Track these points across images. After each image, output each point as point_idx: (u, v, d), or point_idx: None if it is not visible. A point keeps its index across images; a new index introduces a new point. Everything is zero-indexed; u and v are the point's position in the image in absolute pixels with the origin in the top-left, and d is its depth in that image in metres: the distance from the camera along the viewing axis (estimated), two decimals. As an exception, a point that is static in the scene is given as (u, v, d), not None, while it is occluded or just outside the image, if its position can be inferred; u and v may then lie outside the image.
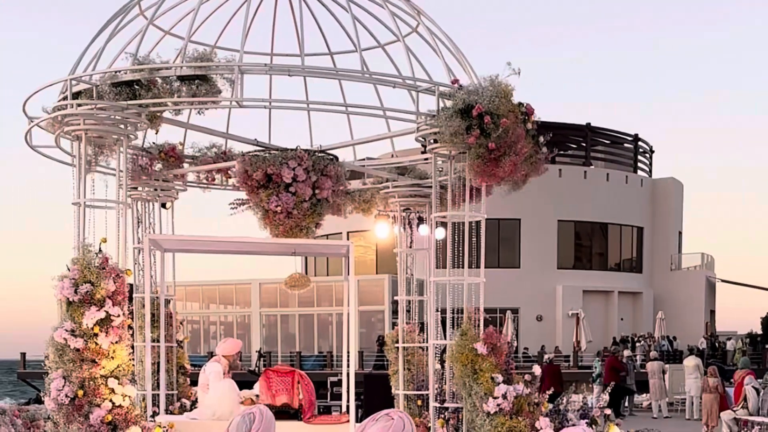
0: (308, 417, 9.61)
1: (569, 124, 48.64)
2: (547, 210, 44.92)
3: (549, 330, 45.66)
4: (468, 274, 9.44)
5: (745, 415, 19.82)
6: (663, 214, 50.78)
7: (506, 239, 44.83)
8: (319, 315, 43.35)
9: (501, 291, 39.89)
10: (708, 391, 22.30)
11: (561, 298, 46.04)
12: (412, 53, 9.06)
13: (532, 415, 8.92)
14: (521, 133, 8.85)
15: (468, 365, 9.04)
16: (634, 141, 51.77)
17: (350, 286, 10.51)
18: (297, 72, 8.55)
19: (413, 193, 11.54)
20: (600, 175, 47.95)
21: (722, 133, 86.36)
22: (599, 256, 49.01)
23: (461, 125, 8.52)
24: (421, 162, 11.12)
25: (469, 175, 9.19)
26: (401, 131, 9.94)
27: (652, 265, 50.70)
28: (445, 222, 10.06)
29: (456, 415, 9.91)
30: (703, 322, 48.79)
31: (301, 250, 10.78)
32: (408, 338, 11.62)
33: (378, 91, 9.65)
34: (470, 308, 9.39)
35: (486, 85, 8.67)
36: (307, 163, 9.42)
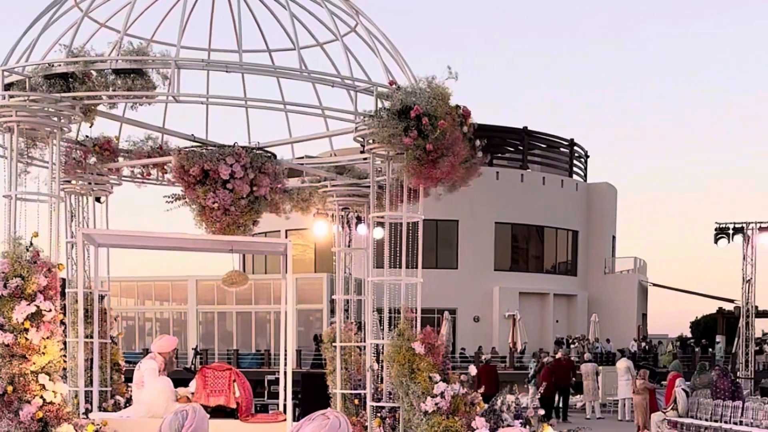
0: (245, 415, 9.56)
1: (506, 128, 48.98)
2: (484, 212, 45.20)
3: (486, 331, 45.93)
4: (405, 275, 9.47)
5: (675, 416, 20.20)
6: (597, 219, 51.42)
7: (444, 240, 45.02)
8: (256, 313, 43.10)
9: (439, 291, 40.05)
10: (638, 393, 22.71)
11: (498, 300, 46.34)
12: (350, 53, 9.08)
13: (468, 414, 8.98)
14: (458, 135, 8.90)
15: (405, 365, 9.08)
16: (570, 146, 52.32)
17: (288, 285, 10.46)
18: (235, 68, 8.51)
19: (352, 193, 11.54)
20: (536, 179, 48.39)
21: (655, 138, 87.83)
22: (535, 258, 49.47)
23: (399, 126, 8.55)
24: (359, 162, 11.12)
25: (406, 176, 9.22)
26: (339, 131, 9.96)
27: (587, 269, 51.33)
28: (383, 222, 10.08)
29: (393, 414, 9.94)
30: (635, 325, 49.50)
31: (239, 247, 10.73)
32: (345, 337, 11.61)
33: (317, 90, 9.64)
34: (407, 308, 9.41)
35: (424, 86, 8.72)
36: (244, 160, 9.37)
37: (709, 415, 19.82)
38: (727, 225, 28.46)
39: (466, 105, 9.09)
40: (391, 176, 9.65)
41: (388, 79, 8.91)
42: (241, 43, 8.88)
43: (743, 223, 28.46)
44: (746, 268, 29.28)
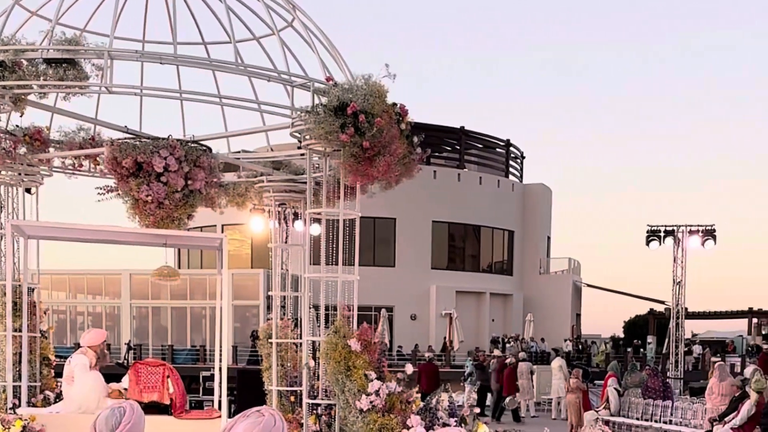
0: (179, 412, 9.47)
1: (444, 127, 49.14)
2: (421, 211, 45.32)
3: (423, 329, 46.05)
4: (342, 272, 9.45)
5: (607, 415, 20.47)
6: (532, 219, 51.89)
7: (382, 238, 45.05)
8: (192, 308, 42.65)
9: (376, 289, 40.05)
10: (571, 392, 22.97)
11: (435, 298, 46.50)
12: (287, 47, 9.02)
13: (404, 412, 8.98)
14: (395, 133, 8.90)
15: (341, 362, 9.05)
16: (506, 146, 52.70)
17: (223, 280, 10.38)
18: (169, 60, 8.40)
19: (288, 189, 11.49)
20: (473, 178, 48.64)
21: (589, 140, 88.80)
22: (472, 257, 49.72)
23: (336, 123, 8.52)
24: (297, 157, 11.08)
25: (343, 173, 9.19)
26: (276, 126, 9.89)
27: (522, 268, 51.76)
28: (320, 218, 10.04)
29: (329, 411, 9.92)
30: (569, 325, 50.08)
31: (173, 241, 10.59)
32: (282, 334, 11.55)
33: (253, 85, 9.56)
34: (344, 305, 9.39)
35: (361, 84, 8.69)
36: (179, 153, 9.25)
37: (640, 414, 20.15)
38: (659, 227, 28.95)
39: (403, 103, 9.10)
40: (328, 173, 9.62)
41: (325, 75, 8.87)
42: (175, 34, 8.79)
43: (674, 225, 28.96)
44: (676, 270, 29.80)
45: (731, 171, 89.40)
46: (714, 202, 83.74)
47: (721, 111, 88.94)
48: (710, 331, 55.59)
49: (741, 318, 49.81)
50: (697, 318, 49.16)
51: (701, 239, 28.69)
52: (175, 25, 8.82)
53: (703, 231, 28.71)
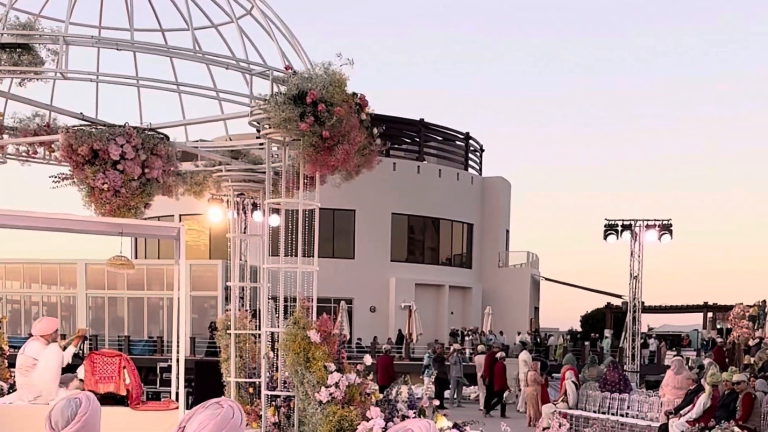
0: (135, 403, 9.39)
1: (403, 119, 49.15)
2: (381, 202, 45.34)
3: (382, 321, 46.10)
4: (301, 263, 9.39)
5: (566, 408, 20.61)
6: (492, 212, 52.10)
7: (341, 230, 45.00)
8: (149, 299, 42.33)
9: (335, 281, 40.05)
10: (529, 385, 23.11)
11: (394, 290, 46.55)
12: (245, 35, 8.93)
13: (363, 404, 8.95)
14: (355, 123, 8.84)
15: (300, 353, 8.99)
16: (466, 139, 52.85)
17: (181, 270, 10.29)
18: (126, 47, 8.29)
19: (247, 178, 11.41)
20: (433, 171, 48.72)
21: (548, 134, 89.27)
22: (431, 250, 49.83)
23: (295, 111, 8.45)
24: (255, 147, 11.00)
25: (302, 163, 9.13)
26: (235, 114, 9.80)
27: (481, 262, 51.96)
28: (279, 209, 9.97)
29: (288, 403, 9.87)
30: (528, 318, 50.38)
31: (129, 230, 10.46)
32: (240, 325, 11.49)
33: (211, 72, 9.48)
34: (303, 296, 9.34)
35: (320, 72, 8.62)
36: (136, 141, 9.14)
37: (597, 407, 20.30)
38: (616, 222, 29.17)
39: (363, 93, 9.05)
40: (287, 162, 9.54)
41: (284, 64, 8.80)
42: (132, 21, 8.66)
43: (631, 220, 29.22)
44: (633, 265, 30.07)
45: (687, 166, 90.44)
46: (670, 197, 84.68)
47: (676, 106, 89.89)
48: (666, 325, 56.16)
49: (696, 312, 50.42)
50: (653, 312, 49.63)
51: (658, 234, 28.96)
52: (132, 11, 8.70)
53: (660, 225, 28.98)
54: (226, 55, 8.94)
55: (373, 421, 8.77)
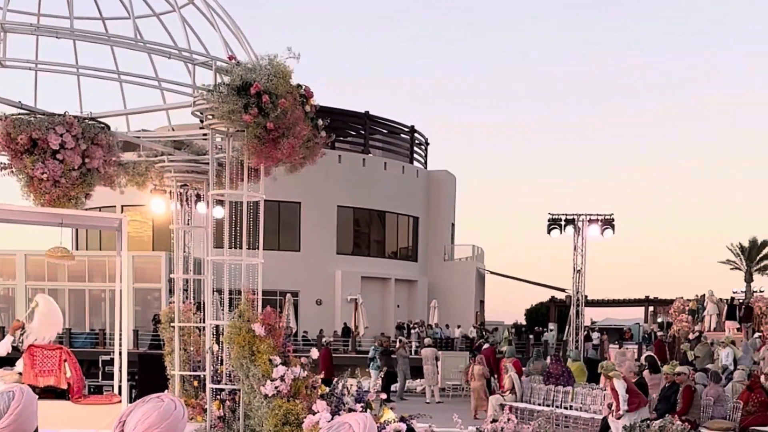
0: (77, 396, 9.26)
1: (349, 111, 49.09)
2: (327, 195, 45.26)
3: (328, 314, 46.01)
4: (246, 255, 9.32)
5: (512, 400, 20.82)
6: (437, 206, 52.29)
7: (287, 222, 44.83)
8: (90, 291, 41.77)
9: (281, 273, 39.90)
10: (476, 379, 23.27)
11: (340, 283, 46.50)
12: (188, 25, 8.83)
13: (309, 398, 8.92)
14: (300, 115, 8.80)
15: (245, 346, 8.94)
16: (411, 132, 53.00)
17: (123, 262, 10.16)
18: (65, 35, 8.14)
19: (190, 169, 11.29)
20: (378, 164, 48.75)
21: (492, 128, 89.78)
22: (377, 243, 49.88)
23: (239, 102, 8.37)
24: (199, 138, 10.88)
25: (246, 155, 9.05)
26: (177, 104, 9.67)
27: (427, 255, 52.14)
28: (223, 201, 9.88)
29: (233, 396, 9.81)
30: (473, 311, 50.67)
31: (69, 221, 10.31)
32: (184, 318, 11.37)
33: (153, 62, 9.34)
34: (248, 289, 9.28)
35: (264, 63, 8.55)
36: (76, 130, 9.00)
37: (542, 400, 20.52)
38: (559, 216, 29.49)
39: (308, 85, 9.00)
40: (231, 154, 9.46)
41: (228, 54, 8.71)
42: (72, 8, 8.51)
43: (574, 214, 29.55)
44: (576, 259, 30.43)
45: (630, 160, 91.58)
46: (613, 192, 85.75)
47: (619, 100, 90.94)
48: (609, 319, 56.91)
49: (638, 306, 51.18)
50: (596, 306, 50.31)
51: (600, 228, 29.35)
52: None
53: (602, 220, 29.38)
54: (169, 44, 8.83)
55: (319, 415, 8.75)
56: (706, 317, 37.38)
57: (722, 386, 18.16)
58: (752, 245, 55.49)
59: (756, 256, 55.45)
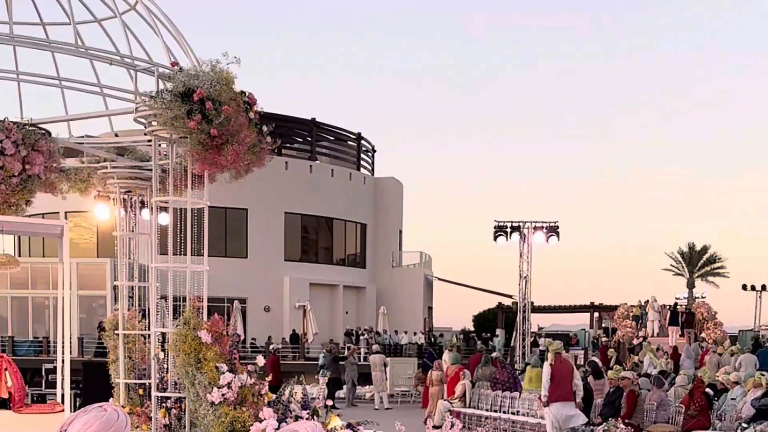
0: (18, 406, 9.13)
1: (295, 118, 48.98)
2: (274, 201, 45.10)
3: (276, 321, 45.82)
4: (191, 262, 9.27)
5: (460, 407, 20.96)
6: (384, 212, 52.40)
7: (233, 229, 44.57)
8: (33, 298, 41.13)
9: (228, 280, 39.65)
10: (432, 385, 23.41)
11: (288, 290, 46.34)
12: (130, 30, 8.77)
13: (256, 405, 8.89)
14: (244, 121, 8.79)
15: (191, 354, 8.89)
16: (358, 139, 53.09)
17: (65, 269, 10.04)
18: (5, 40, 8.07)
19: (134, 176, 11.20)
20: (325, 171, 48.72)
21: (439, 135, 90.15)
22: (325, 250, 49.82)
23: (182, 109, 8.35)
24: (143, 144, 10.80)
25: (190, 161, 9.02)
26: (119, 110, 9.61)
27: (375, 261, 52.20)
28: (168, 207, 9.83)
29: (179, 404, 9.74)
30: (422, 318, 50.79)
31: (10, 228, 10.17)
32: (129, 325, 11.27)
33: (95, 68, 9.26)
34: (193, 296, 9.23)
35: (207, 70, 8.54)
36: (16, 137, 8.91)
37: (489, 406, 20.66)
38: (506, 223, 29.77)
39: (251, 92, 9.00)
40: (175, 160, 9.41)
41: (170, 60, 8.67)
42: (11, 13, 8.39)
43: (520, 221, 29.85)
44: (522, 265, 30.73)
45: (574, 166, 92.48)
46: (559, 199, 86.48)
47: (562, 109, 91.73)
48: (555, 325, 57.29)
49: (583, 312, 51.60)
50: (542, 312, 50.62)
51: (545, 235, 29.69)
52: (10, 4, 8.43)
53: (547, 227, 29.72)
54: (110, 50, 8.77)
55: (266, 422, 8.74)
56: (649, 323, 37.96)
57: (665, 391, 18.46)
58: (692, 252, 56.45)
59: (697, 263, 56.40)
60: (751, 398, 16.56)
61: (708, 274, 56.26)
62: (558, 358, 16.54)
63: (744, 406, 16.71)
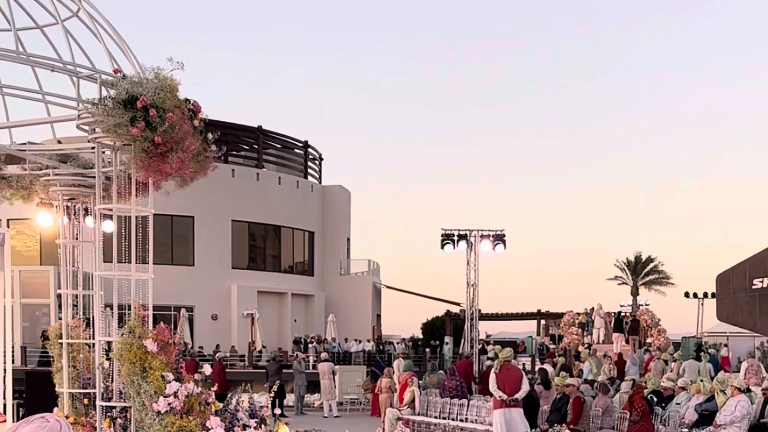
0: (-43, 416, 8.95)
1: (241, 125, 48.85)
2: (221, 209, 44.90)
3: (224, 329, 45.55)
4: (136, 270, 9.19)
5: (410, 414, 21.01)
6: (332, 220, 52.45)
7: (180, 236, 44.25)
8: (-25, 307, 40.46)
9: (175, 288, 39.40)
10: (383, 391, 23.45)
11: (236, 298, 46.11)
12: (72, 37, 8.68)
13: (203, 414, 8.84)
14: (188, 129, 8.75)
15: (137, 363, 8.81)
16: (305, 147, 53.10)
17: (6, 277, 9.89)
18: (-56, 46, 7.92)
19: (77, 183, 11.06)
20: (272, 178, 48.63)
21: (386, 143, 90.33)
22: (273, 257, 49.67)
23: (125, 116, 8.28)
24: (86, 151, 10.68)
25: (134, 169, 8.94)
26: (62, 117, 9.48)
27: (323, 269, 52.18)
28: (112, 214, 9.73)
29: (124, 414, 9.65)
30: (370, 326, 50.83)
31: (-52, 235, 10.00)
32: (73, 334, 11.13)
33: (36, 74, 9.14)
34: (139, 304, 9.16)
35: (151, 77, 8.48)
36: (-45, 143, 8.74)
37: (438, 413, 20.74)
38: (452, 231, 29.91)
39: (196, 99, 8.96)
40: (119, 167, 9.33)
41: (113, 67, 8.60)
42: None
43: (467, 230, 30.00)
44: (470, 273, 30.87)
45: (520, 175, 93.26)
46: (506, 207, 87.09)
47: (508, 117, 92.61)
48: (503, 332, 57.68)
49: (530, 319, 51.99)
50: (490, 319, 50.92)
51: (492, 244, 29.89)
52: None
53: (494, 236, 29.92)
54: (52, 57, 8.66)
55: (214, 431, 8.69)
56: (594, 330, 38.40)
57: (611, 397, 18.68)
58: (637, 261, 57.34)
59: (641, 271, 57.32)
60: (695, 403, 16.84)
61: (652, 283, 57.22)
62: (506, 366, 16.66)
63: (687, 411, 17.00)
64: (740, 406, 15.47)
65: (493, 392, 16.68)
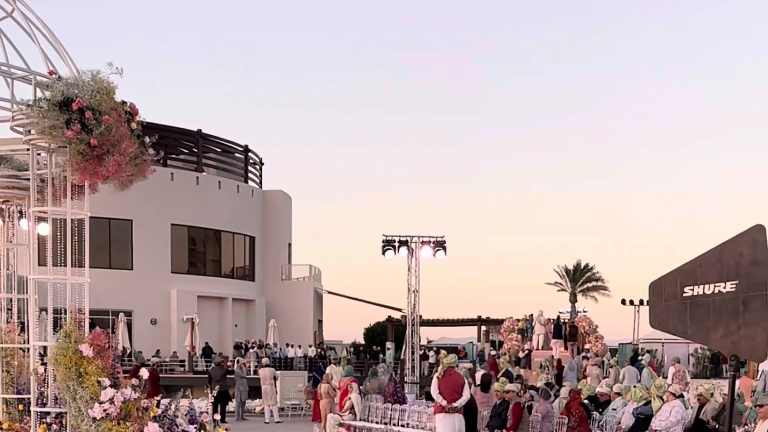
0: None
1: (180, 129, 48.56)
2: (159, 213, 44.54)
3: (164, 334, 45.15)
4: (72, 273, 9.07)
5: (351, 419, 21.02)
6: (273, 225, 52.35)
7: (118, 240, 43.80)
8: None
9: (113, 292, 38.97)
10: (322, 397, 23.46)
11: (176, 302, 45.76)
12: (6, 37, 8.56)
13: (140, 420, 8.76)
14: (125, 132, 8.69)
15: (72, 368, 8.70)
16: (245, 152, 52.93)
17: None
18: None
19: (11, 185, 10.90)
20: (212, 182, 48.39)
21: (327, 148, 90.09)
22: (213, 262, 49.41)
23: (60, 118, 8.21)
24: (21, 153, 10.53)
25: (70, 171, 8.84)
26: (-6, 118, 9.33)
27: (264, 274, 52.05)
28: (47, 217, 9.60)
29: (60, 420, 9.51)
30: (312, 331, 50.75)
31: None
32: (7, 338, 10.96)
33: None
34: (75, 308, 9.04)
35: (87, 79, 8.41)
36: None
37: (379, 418, 20.78)
38: (394, 237, 30.03)
39: (133, 102, 8.89)
40: (55, 170, 9.21)
41: (48, 69, 8.50)
42: None
43: (407, 236, 30.15)
44: (411, 279, 31.01)
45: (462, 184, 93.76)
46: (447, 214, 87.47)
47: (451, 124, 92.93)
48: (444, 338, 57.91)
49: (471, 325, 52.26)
50: (431, 325, 51.10)
51: (433, 250, 30.09)
52: None
53: (434, 242, 30.12)
54: (-15, 57, 8.55)
55: (151, 437, 8.62)
56: (535, 336, 38.78)
57: (551, 402, 18.87)
58: (576, 268, 58.23)
59: (579, 279, 58.20)
60: (632, 408, 17.11)
61: (589, 290, 58.14)
62: (448, 371, 16.75)
63: (624, 415, 17.26)
64: (675, 411, 15.77)
65: (434, 397, 16.77)
